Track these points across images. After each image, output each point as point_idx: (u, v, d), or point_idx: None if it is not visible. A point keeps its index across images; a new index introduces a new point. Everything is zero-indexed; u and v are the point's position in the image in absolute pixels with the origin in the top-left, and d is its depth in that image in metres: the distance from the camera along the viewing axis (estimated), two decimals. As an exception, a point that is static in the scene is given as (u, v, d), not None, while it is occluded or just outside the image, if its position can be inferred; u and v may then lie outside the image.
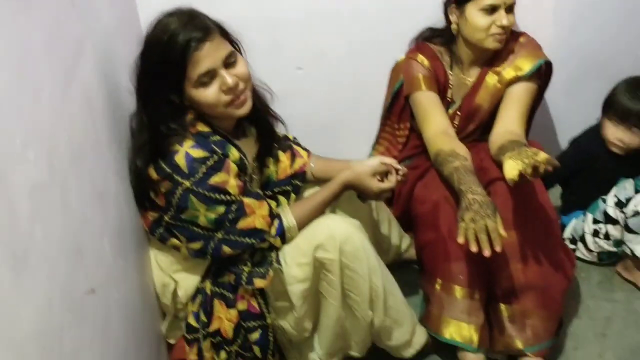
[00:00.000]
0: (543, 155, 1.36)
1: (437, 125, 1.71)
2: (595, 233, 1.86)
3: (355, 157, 1.61)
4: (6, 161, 0.70)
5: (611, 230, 1.81)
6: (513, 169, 1.36)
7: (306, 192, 1.62)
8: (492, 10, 1.64)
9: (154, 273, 1.46)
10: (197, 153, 1.29)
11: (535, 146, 1.72)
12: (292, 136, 1.69)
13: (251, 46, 1.75)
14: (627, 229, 1.75)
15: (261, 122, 1.50)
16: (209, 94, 1.29)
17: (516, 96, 1.74)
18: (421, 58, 1.79)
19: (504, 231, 1.36)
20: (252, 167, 1.50)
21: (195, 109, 1.34)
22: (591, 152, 1.91)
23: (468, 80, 1.82)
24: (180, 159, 1.28)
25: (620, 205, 1.75)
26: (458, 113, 1.84)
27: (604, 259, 1.91)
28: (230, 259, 1.41)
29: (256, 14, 1.87)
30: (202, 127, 1.35)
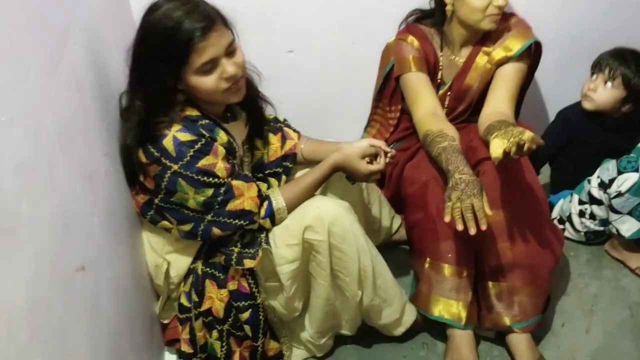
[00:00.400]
0: (528, 133, 1.37)
1: (427, 106, 1.72)
2: (581, 213, 1.88)
3: (347, 140, 1.62)
4: (-8, 138, 0.71)
5: (596, 210, 1.83)
6: (498, 148, 1.38)
7: (297, 174, 1.63)
8: None
9: (147, 254, 1.48)
10: (185, 137, 1.30)
11: (523, 126, 1.74)
12: (283, 118, 1.70)
13: (242, 29, 1.75)
14: (612, 209, 1.77)
15: (250, 105, 1.50)
16: (209, 82, 1.30)
17: (506, 77, 1.75)
18: (411, 39, 1.80)
19: (490, 210, 1.38)
20: (242, 150, 1.52)
21: (186, 93, 1.35)
22: (575, 122, 1.93)
23: (458, 61, 1.82)
24: (168, 143, 1.29)
25: (603, 186, 1.77)
26: (448, 94, 1.85)
27: (592, 238, 1.94)
28: (220, 240, 1.43)
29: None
30: (191, 111, 1.36)
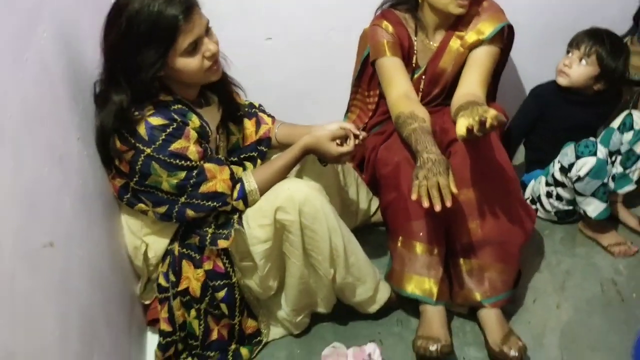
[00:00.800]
0: (492, 112, 1.41)
1: (399, 89, 1.76)
2: (548, 195, 1.93)
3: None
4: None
5: (561, 192, 1.88)
6: (462, 126, 1.42)
7: (272, 158, 1.67)
8: None
9: (126, 236, 1.53)
10: (157, 121, 1.35)
11: (495, 108, 1.78)
12: (258, 104, 1.74)
13: (220, 17, 1.79)
14: (576, 192, 1.82)
15: (222, 90, 1.55)
16: (194, 63, 1.35)
17: (478, 60, 1.78)
18: (385, 24, 1.83)
19: (456, 188, 1.42)
20: (217, 134, 1.56)
21: (164, 79, 1.38)
22: (547, 99, 1.98)
23: (432, 45, 1.85)
24: (141, 128, 1.34)
25: (564, 170, 1.81)
26: (423, 77, 1.88)
27: (563, 217, 1.98)
28: (195, 222, 1.48)
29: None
30: (165, 97, 1.40)
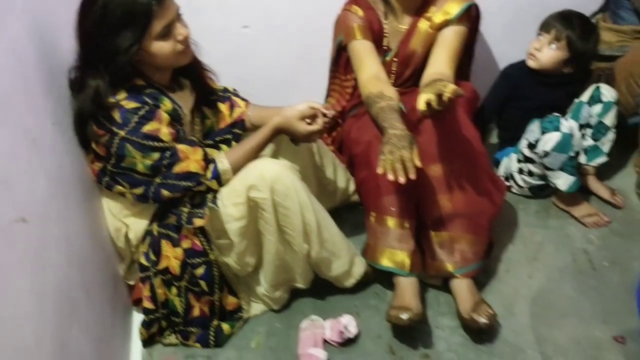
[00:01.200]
0: (450, 86, 1.46)
1: (369, 70, 1.81)
2: (520, 171, 1.99)
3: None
4: None
5: (532, 167, 1.94)
6: (422, 101, 1.47)
7: (245, 139, 1.72)
8: None
9: (107, 219, 1.59)
10: (129, 104, 1.41)
11: (467, 88, 1.84)
12: (232, 88, 1.80)
13: (198, 7, 1.86)
14: (545, 167, 1.87)
15: (193, 75, 1.61)
16: (168, 46, 1.42)
17: (446, 40, 1.83)
18: (355, 8, 1.88)
19: (419, 161, 1.47)
20: (191, 117, 1.62)
21: (138, 64, 1.43)
22: (517, 79, 2.03)
23: (402, 27, 1.90)
24: (115, 112, 1.40)
25: (531, 147, 1.87)
26: (395, 60, 1.93)
27: (537, 192, 2.03)
28: (172, 202, 1.54)
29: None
30: (138, 82, 1.46)
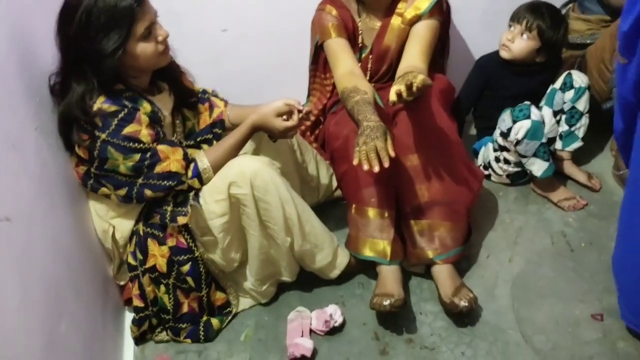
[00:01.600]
0: (420, 77, 1.52)
1: (344, 66, 1.86)
2: (497, 159, 2.04)
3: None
4: None
5: (507, 156, 2.00)
6: (392, 92, 1.52)
7: (224, 138, 1.77)
8: None
9: (95, 221, 1.64)
10: (110, 108, 1.45)
11: (439, 80, 1.89)
12: (211, 89, 1.85)
13: (177, 13, 1.91)
14: (519, 154, 1.92)
15: (171, 77, 1.66)
16: (150, 47, 1.48)
17: (418, 34, 1.88)
18: (329, 8, 1.94)
19: (393, 151, 1.51)
20: (172, 120, 1.67)
21: (120, 68, 1.48)
22: (491, 69, 2.08)
23: (375, 25, 1.96)
24: (95, 115, 1.45)
25: (503, 135, 1.92)
26: (370, 56, 1.99)
27: (515, 179, 2.08)
28: (156, 202, 1.59)
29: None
30: (118, 86, 1.51)
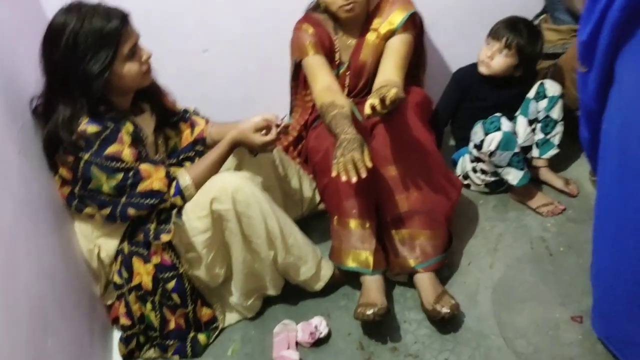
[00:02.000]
0: (393, 90, 1.57)
1: (322, 82, 1.90)
2: (474, 170, 2.09)
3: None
4: None
5: (483, 166, 2.05)
6: (367, 106, 1.57)
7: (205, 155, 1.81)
8: None
9: (80, 241, 1.66)
10: (92, 129, 1.49)
11: (416, 93, 1.94)
12: (192, 108, 1.89)
13: (158, 33, 1.95)
14: (494, 165, 1.97)
15: (153, 98, 1.71)
16: (135, 67, 1.54)
17: (394, 48, 1.93)
18: (306, 26, 1.99)
19: (370, 162, 1.55)
20: (154, 138, 1.71)
21: (105, 90, 1.50)
22: (468, 82, 2.13)
23: (352, 41, 2.01)
24: (78, 136, 1.48)
25: (477, 147, 1.97)
26: (348, 73, 2.04)
27: (494, 188, 2.13)
28: (140, 220, 1.61)
29: (159, 3, 2.07)
30: (101, 107, 1.54)
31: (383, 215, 1.80)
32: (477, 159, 2.05)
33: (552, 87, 2.03)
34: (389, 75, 1.87)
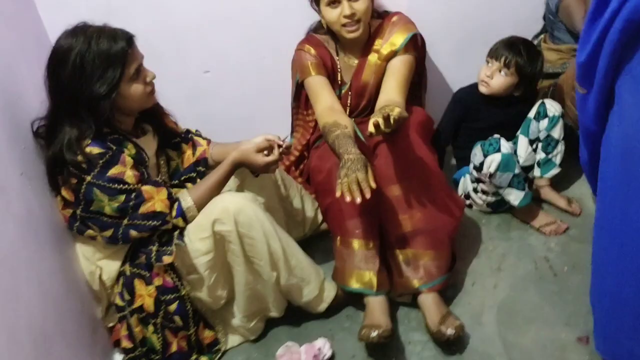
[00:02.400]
0: (396, 109, 1.58)
1: (324, 102, 1.91)
2: (475, 190, 2.09)
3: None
4: None
5: (483, 187, 2.04)
6: (370, 124, 1.57)
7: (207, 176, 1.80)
8: (335, 2, 1.84)
9: (82, 263, 1.65)
10: (95, 150, 1.49)
11: (417, 113, 1.94)
12: (195, 130, 1.89)
13: (160, 54, 1.96)
14: (495, 185, 1.97)
15: (155, 120, 1.71)
16: (140, 88, 1.55)
17: (395, 68, 1.94)
18: (308, 47, 2.00)
19: (374, 182, 1.54)
20: (156, 160, 1.71)
21: (108, 112, 1.50)
22: (468, 102, 2.13)
23: (353, 62, 2.02)
24: (81, 158, 1.48)
25: (477, 169, 1.97)
26: (349, 93, 2.04)
27: (495, 207, 2.12)
28: (141, 242, 1.60)
29: (160, 26, 2.08)
30: (104, 129, 1.54)
31: (386, 235, 1.79)
32: (478, 180, 2.04)
33: (553, 107, 2.03)
34: (391, 95, 1.88)
